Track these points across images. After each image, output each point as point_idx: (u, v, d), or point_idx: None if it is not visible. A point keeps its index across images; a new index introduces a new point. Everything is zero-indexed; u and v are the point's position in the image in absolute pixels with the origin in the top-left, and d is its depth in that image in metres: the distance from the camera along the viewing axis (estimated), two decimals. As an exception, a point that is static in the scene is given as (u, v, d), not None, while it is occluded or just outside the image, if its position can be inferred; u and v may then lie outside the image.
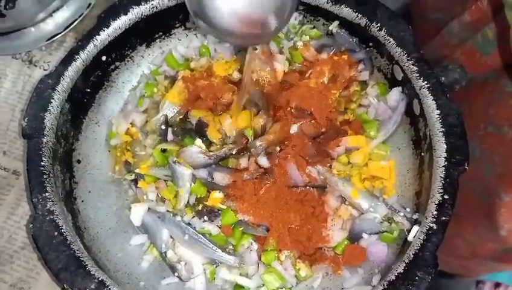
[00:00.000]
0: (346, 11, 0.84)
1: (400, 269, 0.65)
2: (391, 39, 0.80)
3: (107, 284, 0.65)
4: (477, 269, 1.06)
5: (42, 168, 0.72)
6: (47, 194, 0.70)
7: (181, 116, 0.87)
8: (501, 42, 0.81)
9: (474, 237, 0.89)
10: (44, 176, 0.72)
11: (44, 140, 0.74)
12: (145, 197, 0.83)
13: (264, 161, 0.80)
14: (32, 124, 0.75)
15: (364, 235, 0.78)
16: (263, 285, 0.77)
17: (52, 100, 0.77)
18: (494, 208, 0.78)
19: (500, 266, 1.02)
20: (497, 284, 1.36)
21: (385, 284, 0.65)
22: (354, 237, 0.79)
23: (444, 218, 0.67)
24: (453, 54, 0.93)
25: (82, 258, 0.67)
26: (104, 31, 0.84)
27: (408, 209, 0.78)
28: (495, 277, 1.26)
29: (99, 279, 0.65)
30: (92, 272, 0.65)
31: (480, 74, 0.87)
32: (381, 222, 0.78)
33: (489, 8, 0.83)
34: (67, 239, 0.67)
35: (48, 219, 0.68)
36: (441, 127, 0.73)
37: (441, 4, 1.08)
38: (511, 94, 0.80)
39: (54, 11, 1.04)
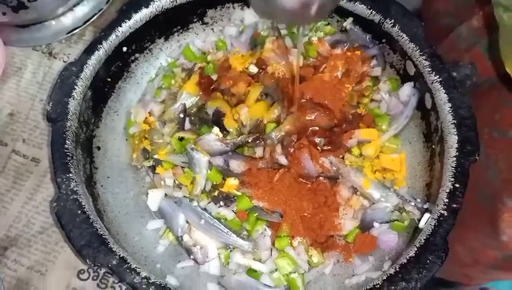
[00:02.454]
0: (360, 8, 0.87)
1: (412, 253, 0.67)
2: (404, 35, 0.83)
3: (128, 260, 0.67)
4: (478, 277, 1.06)
5: (66, 151, 0.75)
6: (70, 175, 0.73)
7: (198, 107, 0.90)
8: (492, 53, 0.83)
9: (476, 243, 0.90)
10: (68, 158, 0.74)
11: (68, 124, 0.77)
12: (162, 183, 0.85)
13: (281, 157, 0.82)
14: (56, 108, 0.78)
15: (376, 224, 0.80)
16: (276, 270, 0.78)
17: (75, 87, 0.80)
18: (497, 213, 0.79)
19: (501, 275, 1.02)
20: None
21: (397, 267, 0.66)
22: (365, 226, 0.81)
23: (454, 205, 0.69)
24: (461, 58, 0.95)
25: (104, 236, 0.69)
26: (125, 22, 0.87)
27: (418, 200, 0.80)
28: (494, 285, 1.27)
29: (120, 255, 0.67)
30: (113, 249, 0.68)
31: (488, 78, 0.89)
32: (392, 211, 0.80)
33: None
34: (90, 218, 0.70)
35: (71, 198, 0.71)
36: (453, 119, 0.75)
37: (451, 9, 1.10)
38: None
39: (75, 6, 1.08)
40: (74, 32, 1.08)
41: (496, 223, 0.79)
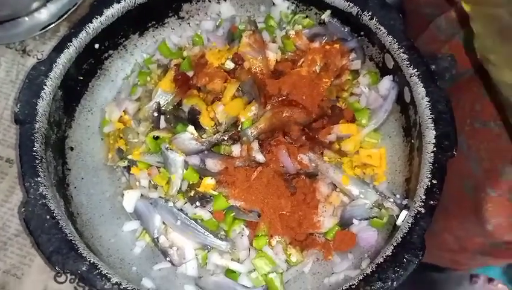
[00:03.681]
0: (338, 0, 0.85)
1: (388, 252, 0.66)
2: (382, 28, 0.81)
3: (98, 266, 0.65)
4: (467, 262, 1.06)
5: (34, 153, 0.72)
6: (39, 178, 0.71)
7: (174, 105, 0.88)
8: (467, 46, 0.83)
9: (463, 231, 0.90)
10: (37, 161, 0.72)
11: (37, 126, 0.75)
12: (137, 183, 0.83)
13: (258, 154, 0.80)
14: (24, 110, 0.76)
15: (355, 221, 0.79)
16: (254, 270, 0.77)
17: (44, 87, 0.78)
18: (480, 203, 0.79)
19: (490, 261, 1.02)
20: (491, 279, 1.37)
21: (373, 267, 0.65)
22: (344, 223, 0.80)
23: (432, 202, 0.68)
24: (441, 48, 0.94)
25: (74, 242, 0.67)
26: (96, 18, 0.84)
27: (398, 196, 0.78)
28: (486, 271, 1.28)
29: (91, 261, 0.66)
30: (83, 255, 0.66)
31: (468, 69, 0.88)
32: (371, 208, 0.78)
33: None
34: (59, 223, 0.68)
35: (40, 203, 0.69)
36: (430, 113, 0.73)
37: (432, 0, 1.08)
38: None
39: (48, 1, 1.04)
40: (48, 28, 1.05)
41: (480, 212, 0.79)
